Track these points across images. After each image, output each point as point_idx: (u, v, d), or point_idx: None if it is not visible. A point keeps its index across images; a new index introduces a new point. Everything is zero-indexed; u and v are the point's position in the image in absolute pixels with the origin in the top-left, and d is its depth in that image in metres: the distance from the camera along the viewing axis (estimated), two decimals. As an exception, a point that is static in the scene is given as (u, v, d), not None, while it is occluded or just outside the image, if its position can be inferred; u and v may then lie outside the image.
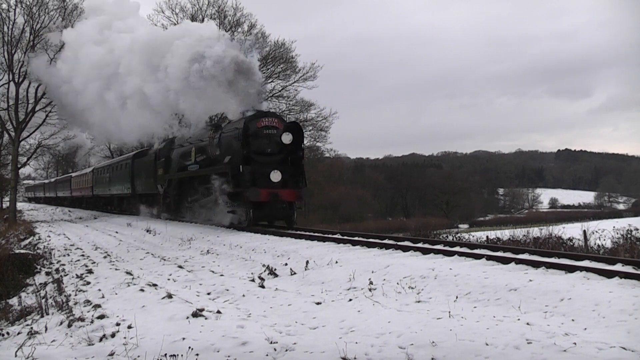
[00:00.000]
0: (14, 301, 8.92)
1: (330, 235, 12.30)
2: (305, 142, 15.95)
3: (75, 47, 22.97)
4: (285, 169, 15.20)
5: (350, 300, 6.88)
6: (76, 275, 10.23)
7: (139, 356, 5.03)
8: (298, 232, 13.37)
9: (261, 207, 14.89)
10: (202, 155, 17.84)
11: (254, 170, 14.89)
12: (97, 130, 25.18)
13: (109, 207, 34.15)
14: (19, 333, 6.57)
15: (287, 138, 15.05)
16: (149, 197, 25.03)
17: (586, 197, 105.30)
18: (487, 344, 4.65)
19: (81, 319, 6.40)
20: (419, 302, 6.43)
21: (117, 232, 19.41)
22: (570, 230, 14.12)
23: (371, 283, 7.43)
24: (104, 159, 44.64)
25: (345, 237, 11.81)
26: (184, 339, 5.34)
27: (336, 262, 9.01)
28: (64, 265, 11.94)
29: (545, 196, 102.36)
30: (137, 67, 19.19)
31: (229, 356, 4.94)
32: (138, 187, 26.13)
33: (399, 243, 10.41)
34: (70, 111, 26.01)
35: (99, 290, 8.43)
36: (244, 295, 7.54)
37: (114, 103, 20.42)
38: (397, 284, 7.26)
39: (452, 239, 14.28)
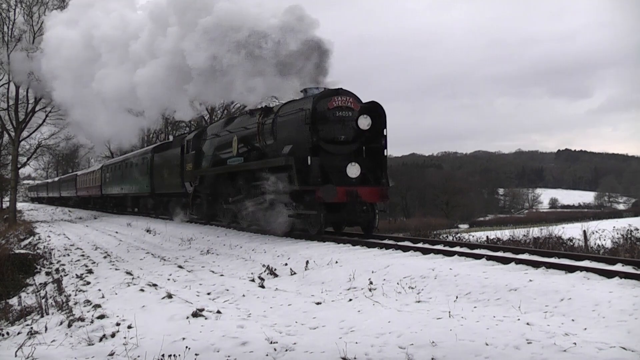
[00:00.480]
0: (14, 301, 8.92)
1: (330, 235, 12.24)
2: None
3: (53, 37, 20.50)
4: (363, 161, 12.36)
5: (350, 300, 6.88)
6: (76, 275, 10.23)
7: (139, 356, 5.03)
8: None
9: (336, 209, 12.10)
10: (247, 146, 14.91)
11: (324, 163, 12.02)
12: (87, 131, 22.61)
13: (122, 208, 31.55)
14: (19, 333, 6.57)
15: (364, 122, 12.12)
16: (172, 196, 22.01)
17: (586, 197, 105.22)
18: (487, 344, 4.65)
19: (81, 319, 6.40)
20: (419, 302, 6.43)
21: (117, 232, 19.42)
22: (570, 231, 14.12)
23: (371, 283, 7.43)
24: (104, 158, 44.53)
25: (344, 237, 11.72)
26: (184, 339, 5.34)
27: (336, 262, 9.00)
28: (64, 265, 11.95)
29: (545, 196, 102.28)
30: (109, 56, 17.16)
31: (229, 356, 4.94)
32: (159, 185, 23.09)
33: (399, 243, 10.41)
34: (63, 111, 25.06)
35: (99, 290, 8.43)
36: (244, 295, 7.54)
37: (94, 102, 18.38)
38: (397, 284, 7.25)
39: (452, 239, 14.27)
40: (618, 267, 6.95)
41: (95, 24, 18.37)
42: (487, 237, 15.39)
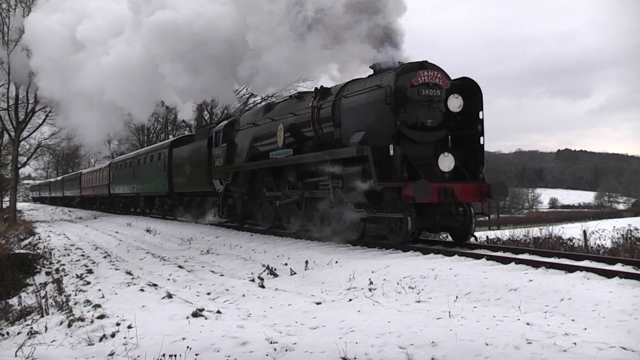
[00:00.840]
0: (14, 301, 8.93)
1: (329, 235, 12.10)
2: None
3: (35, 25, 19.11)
4: (454, 151, 10.10)
5: (350, 300, 6.88)
6: (76, 275, 10.23)
7: (139, 356, 5.03)
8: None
9: (425, 211, 9.77)
10: (295, 136, 12.45)
11: (408, 153, 9.74)
12: (77, 130, 20.86)
13: (133, 209, 29.17)
14: (19, 333, 6.57)
15: (455, 104, 9.88)
16: (196, 196, 19.85)
17: (586, 197, 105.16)
18: (487, 344, 4.65)
19: (81, 319, 6.41)
20: (419, 302, 6.43)
21: (117, 232, 19.42)
22: (570, 230, 14.09)
23: (371, 283, 7.43)
24: (104, 158, 44.54)
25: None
26: (184, 338, 5.34)
27: (336, 262, 9.00)
28: (64, 265, 11.95)
29: (545, 196, 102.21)
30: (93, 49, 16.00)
31: (229, 356, 4.94)
32: (179, 183, 20.59)
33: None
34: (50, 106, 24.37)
35: (99, 290, 8.44)
36: (244, 295, 7.55)
37: (80, 99, 17.14)
38: (397, 284, 7.25)
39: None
40: (618, 267, 6.95)
41: (80, 14, 17.43)
42: (487, 237, 15.36)
